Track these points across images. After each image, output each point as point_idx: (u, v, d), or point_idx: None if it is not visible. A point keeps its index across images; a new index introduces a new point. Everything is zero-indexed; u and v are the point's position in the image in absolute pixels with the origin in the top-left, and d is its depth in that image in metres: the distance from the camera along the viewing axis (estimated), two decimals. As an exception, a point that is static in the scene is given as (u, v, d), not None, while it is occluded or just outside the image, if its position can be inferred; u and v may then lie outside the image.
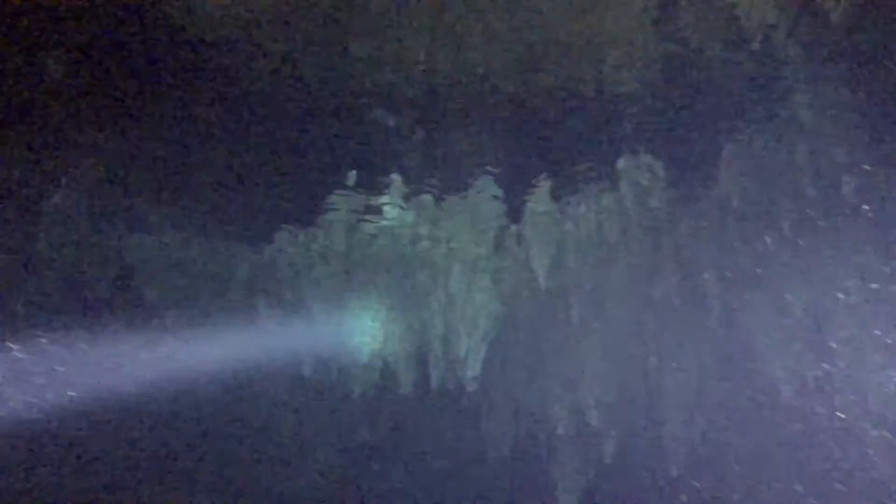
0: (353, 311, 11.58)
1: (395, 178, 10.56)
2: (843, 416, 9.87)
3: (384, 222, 11.08)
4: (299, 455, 12.68)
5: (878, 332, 9.45)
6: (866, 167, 9.46)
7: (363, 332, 11.72)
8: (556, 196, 10.27)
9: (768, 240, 9.64)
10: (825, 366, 9.59)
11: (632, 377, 10.55)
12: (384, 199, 10.79)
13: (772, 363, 9.71)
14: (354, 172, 10.37)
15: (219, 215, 10.95)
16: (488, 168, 10.25)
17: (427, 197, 10.55)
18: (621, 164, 9.57)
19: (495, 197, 10.46)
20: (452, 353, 11.18)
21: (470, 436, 12.96)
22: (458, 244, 10.78)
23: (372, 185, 10.47)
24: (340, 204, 10.89)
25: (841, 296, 9.45)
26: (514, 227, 10.69)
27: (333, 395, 12.16)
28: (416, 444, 13.33)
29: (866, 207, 9.65)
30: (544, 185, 10.15)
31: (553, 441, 11.69)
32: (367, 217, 11.02)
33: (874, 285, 9.27)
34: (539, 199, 10.26)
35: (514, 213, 10.66)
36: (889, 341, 9.48)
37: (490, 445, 11.93)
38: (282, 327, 11.63)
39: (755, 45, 8.89)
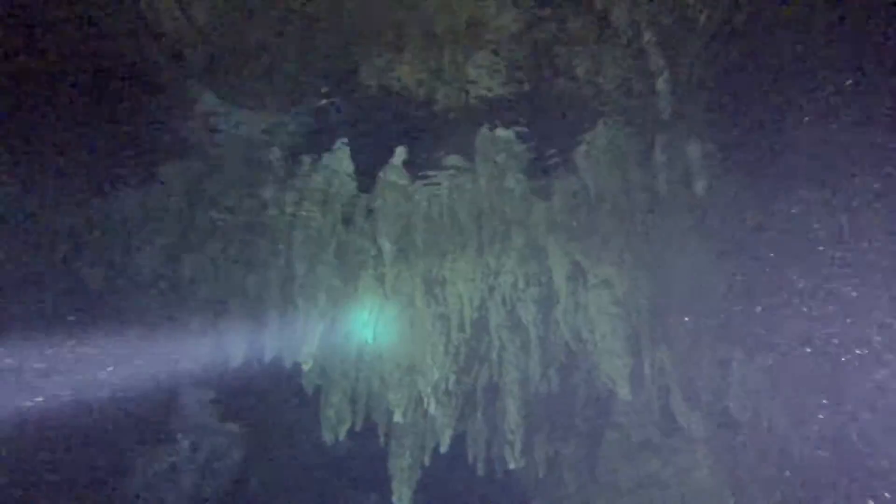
0: (185, 277, 10.66)
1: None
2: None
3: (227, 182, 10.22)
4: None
5: (701, 316, 9.44)
6: (720, 168, 9.42)
7: (197, 301, 10.85)
8: (411, 170, 9.66)
9: (620, 230, 9.40)
10: (660, 357, 9.46)
11: (473, 365, 10.10)
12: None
13: (610, 355, 9.49)
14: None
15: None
16: (343, 138, 9.49)
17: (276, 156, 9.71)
18: (479, 140, 9.06)
19: (349, 167, 9.71)
20: (289, 327, 10.41)
21: (307, 419, 12.30)
22: (305, 213, 10.00)
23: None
24: (178, 165, 10.03)
25: (680, 287, 9.35)
26: (364, 199, 10.02)
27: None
28: (250, 426, 12.52)
29: (716, 206, 9.64)
30: (399, 157, 9.52)
31: (391, 429, 11.15)
32: (208, 178, 10.15)
33: (710, 276, 9.22)
34: (392, 172, 9.63)
35: (367, 185, 10.01)
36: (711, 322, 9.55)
37: (327, 430, 11.19)
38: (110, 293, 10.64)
39: (623, 41, 8.62)
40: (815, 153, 9.04)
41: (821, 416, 9.63)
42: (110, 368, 10.91)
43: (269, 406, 12.22)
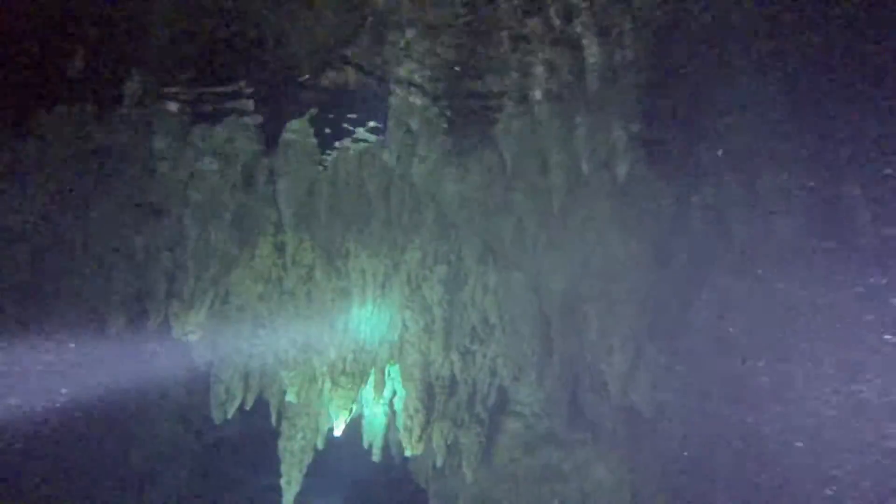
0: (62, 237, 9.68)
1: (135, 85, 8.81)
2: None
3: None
4: None
5: (615, 306, 9.14)
6: (644, 154, 9.10)
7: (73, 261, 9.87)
8: (318, 132, 8.94)
9: (536, 211, 8.94)
10: (570, 346, 9.11)
11: (373, 345, 9.50)
12: (122, 110, 9.07)
13: (518, 341, 9.06)
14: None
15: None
16: (246, 90, 8.69)
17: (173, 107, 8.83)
18: (393, 101, 8.41)
19: (252, 125, 8.93)
20: (178, 293, 9.58)
21: (196, 394, 11.52)
22: (203, 171, 9.17)
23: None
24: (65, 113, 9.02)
25: (595, 268, 9.00)
26: (266, 161, 9.25)
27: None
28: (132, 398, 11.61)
29: (638, 194, 9.33)
30: (307, 117, 8.80)
31: (284, 409, 10.46)
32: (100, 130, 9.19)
33: (626, 265, 8.90)
34: (299, 131, 8.89)
35: (270, 144, 9.25)
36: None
37: (216, 406, 10.42)
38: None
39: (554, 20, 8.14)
40: (741, 144, 8.80)
41: (726, 415, 9.50)
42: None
43: (153, 378, 11.33)
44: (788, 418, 9.18)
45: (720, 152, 8.87)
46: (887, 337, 8.18)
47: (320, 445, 10.18)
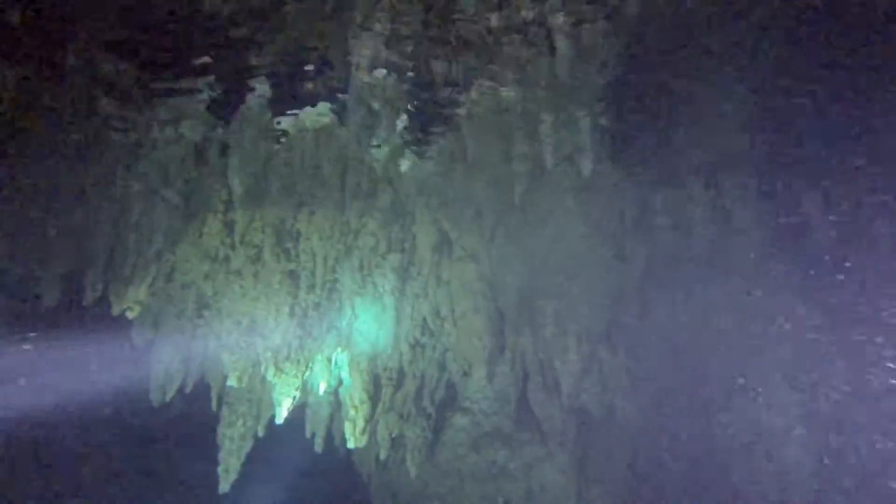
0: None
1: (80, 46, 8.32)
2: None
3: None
4: None
5: (571, 304, 8.99)
6: (610, 150, 8.95)
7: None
8: (274, 108, 8.60)
9: (495, 202, 8.71)
10: (522, 342, 8.92)
11: (320, 331, 9.18)
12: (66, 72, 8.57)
13: (469, 335, 8.82)
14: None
15: None
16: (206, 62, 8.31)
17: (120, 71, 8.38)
18: (354, 79, 8.09)
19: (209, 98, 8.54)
20: (117, 270, 9.13)
21: (133, 375, 11.07)
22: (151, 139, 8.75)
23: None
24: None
25: (554, 264, 8.81)
26: (219, 133, 8.86)
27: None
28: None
29: (600, 190, 9.18)
30: (262, 91, 8.44)
31: (224, 393, 10.09)
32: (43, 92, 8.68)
33: (584, 263, 8.73)
34: (254, 107, 8.53)
35: (224, 118, 8.86)
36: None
37: (155, 388, 9.99)
38: None
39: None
40: (706, 144, 8.70)
41: (678, 418, 9.40)
42: None
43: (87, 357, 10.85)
44: (741, 424, 9.11)
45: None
46: (846, 343, 8.13)
47: (261, 433, 9.82)
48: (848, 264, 8.25)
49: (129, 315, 9.15)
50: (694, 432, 9.48)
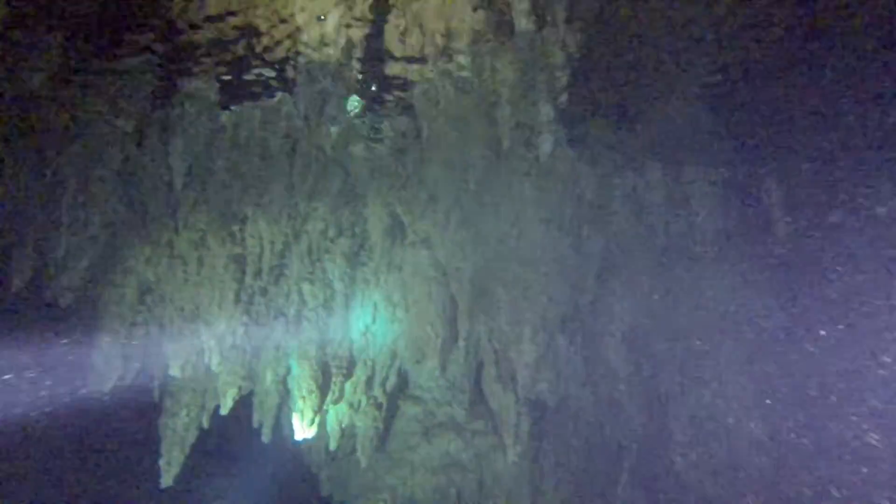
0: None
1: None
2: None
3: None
4: None
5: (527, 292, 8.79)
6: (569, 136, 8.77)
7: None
8: (220, 86, 8.21)
9: (450, 186, 8.45)
10: (476, 330, 8.73)
11: (267, 319, 8.83)
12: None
13: (422, 322, 8.57)
14: None
15: None
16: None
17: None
18: (303, 56, 7.73)
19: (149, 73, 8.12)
20: (50, 253, 8.64)
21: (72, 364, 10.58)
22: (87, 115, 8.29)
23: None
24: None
25: (510, 252, 8.59)
26: (160, 114, 8.43)
27: None
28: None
29: (558, 173, 8.99)
30: (207, 70, 8.06)
31: (166, 383, 9.67)
32: None
33: (541, 250, 8.53)
34: (198, 84, 8.13)
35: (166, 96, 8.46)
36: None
37: (95, 378, 9.53)
38: None
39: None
40: (665, 133, 8.57)
41: (633, 412, 9.32)
42: None
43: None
44: (695, 418, 9.06)
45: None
46: (803, 334, 8.10)
47: (205, 424, 9.44)
48: (807, 256, 8.22)
49: (62, 303, 8.66)
50: (649, 423, 9.40)
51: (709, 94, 8.69)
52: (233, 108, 8.54)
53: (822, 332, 7.94)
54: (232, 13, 7.71)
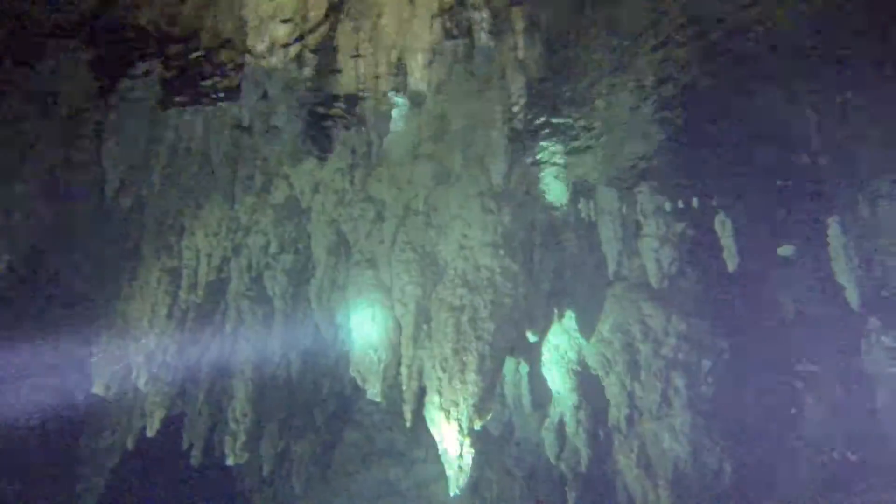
0: None
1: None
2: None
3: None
4: None
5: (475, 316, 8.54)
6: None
7: None
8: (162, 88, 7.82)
9: (398, 202, 8.20)
10: (420, 355, 8.43)
11: (201, 336, 8.38)
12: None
13: (364, 346, 8.23)
14: None
15: None
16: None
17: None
18: (250, 61, 7.37)
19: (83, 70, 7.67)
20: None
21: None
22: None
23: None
24: None
25: (457, 275, 8.35)
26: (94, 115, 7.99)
27: None
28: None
29: (510, 195, 8.83)
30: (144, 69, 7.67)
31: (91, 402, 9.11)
32: None
33: (489, 272, 8.30)
34: (137, 85, 7.72)
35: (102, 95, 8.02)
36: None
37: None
38: None
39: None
40: (621, 158, 8.49)
41: (576, 433, 9.16)
42: None
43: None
44: (639, 441, 8.94)
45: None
46: (748, 357, 8.04)
47: (130, 446, 8.89)
48: (750, 278, 8.19)
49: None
50: (594, 449, 9.24)
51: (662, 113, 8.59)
52: (173, 111, 8.12)
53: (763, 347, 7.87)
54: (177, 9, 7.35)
